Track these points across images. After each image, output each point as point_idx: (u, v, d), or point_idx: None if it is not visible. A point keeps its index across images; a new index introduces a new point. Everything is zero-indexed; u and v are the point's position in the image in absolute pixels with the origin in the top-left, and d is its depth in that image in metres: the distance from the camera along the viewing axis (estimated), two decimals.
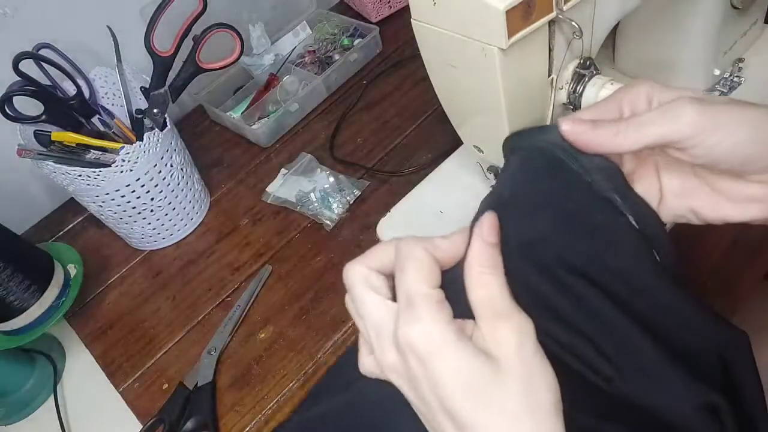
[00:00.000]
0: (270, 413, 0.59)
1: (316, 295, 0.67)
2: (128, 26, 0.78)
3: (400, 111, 0.86)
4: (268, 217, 0.78)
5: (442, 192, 0.62)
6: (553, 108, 0.47)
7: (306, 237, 0.74)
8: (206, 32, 0.70)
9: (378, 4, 0.99)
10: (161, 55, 0.70)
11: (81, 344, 0.72)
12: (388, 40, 0.96)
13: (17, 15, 0.78)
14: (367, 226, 0.72)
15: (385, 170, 0.78)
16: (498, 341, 0.28)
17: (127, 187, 0.69)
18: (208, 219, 0.81)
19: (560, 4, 0.40)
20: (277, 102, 0.90)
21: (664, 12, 0.60)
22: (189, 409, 0.60)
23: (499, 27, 0.37)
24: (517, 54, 0.40)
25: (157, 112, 0.72)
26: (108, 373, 0.68)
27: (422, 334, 0.28)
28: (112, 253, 0.81)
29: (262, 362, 0.64)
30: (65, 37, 0.75)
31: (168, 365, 0.67)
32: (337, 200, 0.75)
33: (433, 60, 0.47)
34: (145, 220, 0.74)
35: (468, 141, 0.54)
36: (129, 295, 0.75)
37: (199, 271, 0.75)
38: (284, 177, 0.81)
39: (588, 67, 0.46)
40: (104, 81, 0.77)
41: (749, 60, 0.67)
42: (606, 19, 0.46)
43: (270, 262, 0.73)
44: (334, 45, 0.97)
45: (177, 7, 0.68)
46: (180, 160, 0.75)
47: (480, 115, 0.48)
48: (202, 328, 0.69)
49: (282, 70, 0.94)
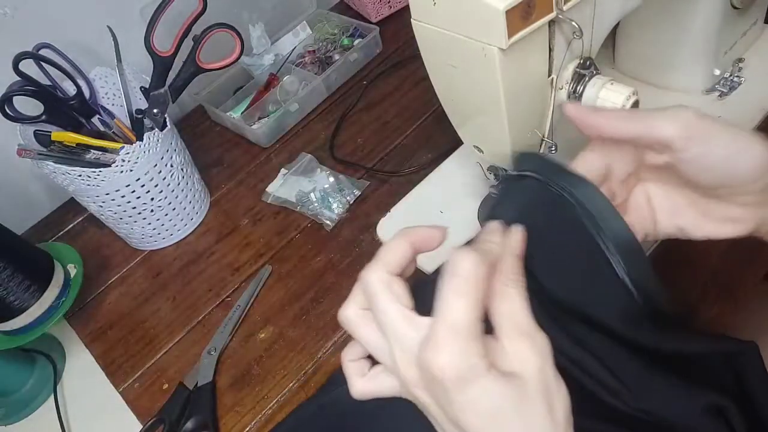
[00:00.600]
0: (270, 413, 0.59)
1: (316, 295, 0.67)
2: (128, 26, 0.78)
3: (400, 111, 0.86)
4: (268, 217, 0.78)
5: (442, 192, 0.62)
6: (553, 108, 0.47)
7: (306, 237, 0.74)
8: (206, 32, 0.70)
9: (378, 4, 0.99)
10: (161, 55, 0.70)
11: (81, 344, 0.72)
12: (388, 40, 0.96)
13: (17, 15, 0.78)
14: (367, 226, 0.72)
15: (385, 170, 0.78)
16: (522, 360, 0.28)
17: (127, 187, 0.69)
18: (208, 219, 0.81)
19: (560, 4, 0.40)
20: (277, 102, 0.90)
21: (664, 12, 0.60)
22: (189, 409, 0.60)
23: (499, 27, 0.37)
24: (517, 54, 0.40)
25: (157, 112, 0.72)
26: (108, 373, 0.68)
27: (447, 363, 0.27)
28: (112, 253, 0.81)
29: (262, 362, 0.64)
30: (65, 37, 0.75)
31: (168, 365, 0.67)
32: (337, 200, 0.75)
33: (433, 60, 0.47)
34: (145, 220, 0.74)
35: (468, 141, 0.54)
36: (129, 295, 0.75)
37: (199, 271, 0.75)
38: (284, 177, 0.81)
39: (588, 67, 0.46)
40: (104, 81, 0.77)
41: (749, 60, 0.66)
42: (606, 19, 0.46)
43: (270, 262, 0.72)
44: (334, 45, 0.97)
45: (177, 7, 0.68)
46: (180, 160, 0.75)
47: (480, 115, 0.48)
48: (202, 328, 0.69)
49: (282, 70, 0.94)
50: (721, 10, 0.59)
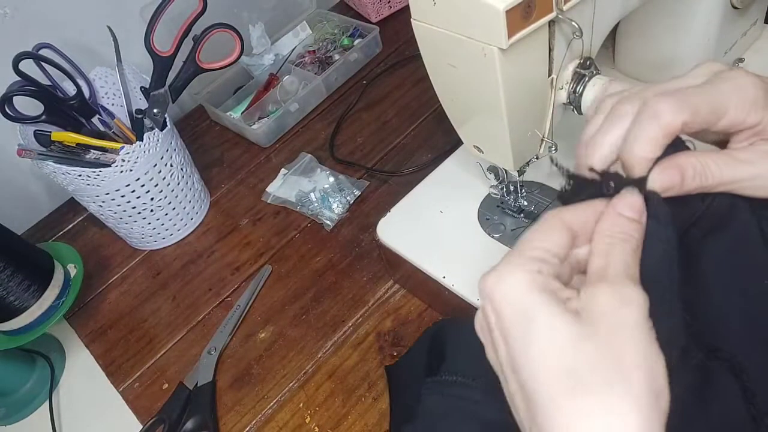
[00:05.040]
0: (270, 413, 0.59)
1: (316, 295, 0.67)
2: (128, 26, 0.78)
3: (400, 111, 0.86)
4: (268, 217, 0.78)
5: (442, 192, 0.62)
6: (553, 108, 0.47)
7: (306, 237, 0.74)
8: (206, 32, 0.70)
9: (378, 4, 0.99)
10: (161, 55, 0.70)
11: (81, 344, 0.72)
12: (388, 40, 0.96)
13: (17, 15, 0.78)
14: (367, 226, 0.72)
15: (385, 170, 0.78)
16: (593, 302, 0.26)
17: (127, 187, 0.69)
18: (208, 219, 0.81)
19: (560, 4, 0.40)
20: (277, 102, 0.90)
21: (664, 12, 0.60)
22: (189, 409, 0.60)
23: (499, 27, 0.37)
24: (517, 54, 0.40)
25: (157, 112, 0.72)
26: (108, 373, 0.68)
27: (500, 284, 0.27)
28: (112, 253, 0.81)
29: (262, 362, 0.64)
30: (65, 37, 0.75)
31: (168, 365, 0.67)
32: (337, 200, 0.75)
33: (433, 60, 0.47)
34: (145, 220, 0.74)
35: (468, 141, 0.54)
36: (129, 295, 0.75)
37: (199, 271, 0.75)
38: (284, 177, 0.81)
39: (588, 67, 0.46)
40: (104, 81, 0.77)
41: (749, 60, 0.66)
42: (606, 19, 0.46)
43: (270, 262, 0.73)
44: (334, 45, 0.97)
45: (177, 7, 0.68)
46: (180, 160, 0.75)
47: (480, 115, 0.48)
48: (202, 328, 0.69)
49: (282, 70, 0.94)
50: (721, 10, 0.58)
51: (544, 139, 0.49)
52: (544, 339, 0.26)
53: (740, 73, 0.30)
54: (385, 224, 0.61)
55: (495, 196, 0.58)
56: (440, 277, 0.55)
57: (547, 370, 0.25)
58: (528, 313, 0.26)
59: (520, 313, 0.26)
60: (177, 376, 0.65)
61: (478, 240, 0.57)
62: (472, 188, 0.61)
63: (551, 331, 0.26)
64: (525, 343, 0.26)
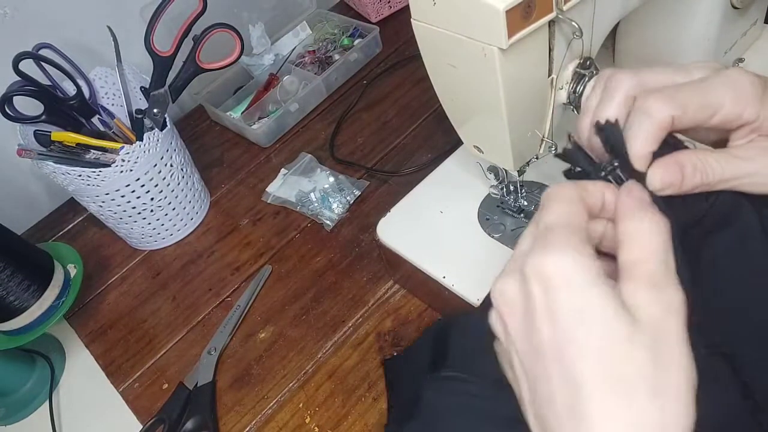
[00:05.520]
0: (270, 413, 0.59)
1: (316, 295, 0.67)
2: (128, 26, 0.78)
3: (400, 111, 0.86)
4: (268, 217, 0.78)
5: (442, 192, 0.62)
6: (553, 108, 0.47)
7: (306, 237, 0.74)
8: (206, 32, 0.70)
9: (378, 4, 0.99)
10: (161, 55, 0.70)
11: (81, 344, 0.72)
12: (388, 40, 0.96)
13: (17, 15, 0.78)
14: (367, 226, 0.72)
15: (385, 170, 0.78)
16: (641, 304, 0.25)
17: (127, 187, 0.69)
18: (208, 219, 0.81)
19: (560, 4, 0.40)
20: (277, 102, 0.90)
21: (664, 12, 0.60)
22: (189, 409, 0.60)
23: (499, 27, 0.37)
24: (517, 54, 0.40)
25: (157, 112, 0.72)
26: (108, 373, 0.68)
27: (555, 262, 0.26)
28: (112, 253, 0.81)
29: (262, 362, 0.64)
30: (65, 37, 0.75)
31: (168, 365, 0.67)
32: (337, 200, 0.75)
33: (433, 60, 0.47)
34: (145, 220, 0.74)
35: (468, 141, 0.54)
36: (129, 295, 0.75)
37: (199, 271, 0.75)
38: (284, 177, 0.81)
39: (588, 67, 0.46)
40: (104, 81, 0.77)
41: (749, 60, 0.66)
42: (606, 19, 0.46)
43: (270, 262, 0.73)
44: (334, 45, 0.97)
45: (177, 7, 0.68)
46: (180, 160, 0.75)
47: (480, 115, 0.48)
48: (202, 328, 0.69)
49: (282, 70, 0.94)
50: (721, 10, 0.58)
51: (544, 139, 0.49)
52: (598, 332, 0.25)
53: (737, 71, 0.31)
54: (385, 224, 0.61)
55: (495, 196, 0.58)
56: (440, 277, 0.55)
57: (596, 365, 0.25)
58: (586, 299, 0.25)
59: (577, 296, 0.25)
60: (177, 376, 0.65)
61: (478, 240, 0.57)
62: (472, 188, 0.61)
63: (607, 326, 0.25)
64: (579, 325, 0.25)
